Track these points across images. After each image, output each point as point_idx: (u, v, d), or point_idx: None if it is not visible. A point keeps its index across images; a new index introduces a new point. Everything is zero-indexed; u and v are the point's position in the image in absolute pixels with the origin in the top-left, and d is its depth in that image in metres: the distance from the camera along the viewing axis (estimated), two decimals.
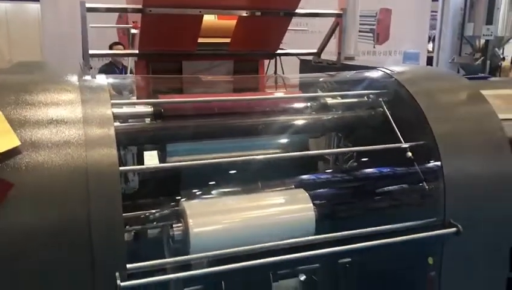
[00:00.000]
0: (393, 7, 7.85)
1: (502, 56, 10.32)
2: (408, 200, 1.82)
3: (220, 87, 2.06)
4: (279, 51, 2.49)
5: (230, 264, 1.50)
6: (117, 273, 1.25)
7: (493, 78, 4.50)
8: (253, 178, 1.96)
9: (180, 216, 1.72)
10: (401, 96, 1.79)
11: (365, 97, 1.92)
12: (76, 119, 1.36)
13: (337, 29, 2.39)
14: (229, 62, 2.38)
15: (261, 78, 2.16)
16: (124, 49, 6.05)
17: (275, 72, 2.71)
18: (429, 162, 1.69)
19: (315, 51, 2.54)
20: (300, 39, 3.10)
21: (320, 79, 2.08)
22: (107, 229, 1.26)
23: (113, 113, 1.41)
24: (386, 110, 1.86)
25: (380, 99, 1.90)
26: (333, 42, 2.47)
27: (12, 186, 1.19)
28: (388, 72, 1.90)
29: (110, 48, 5.90)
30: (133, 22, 2.23)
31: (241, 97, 1.75)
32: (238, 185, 1.96)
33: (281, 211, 1.86)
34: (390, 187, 1.87)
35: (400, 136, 1.78)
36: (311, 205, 1.84)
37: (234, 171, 1.96)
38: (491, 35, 10.18)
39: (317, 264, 2.15)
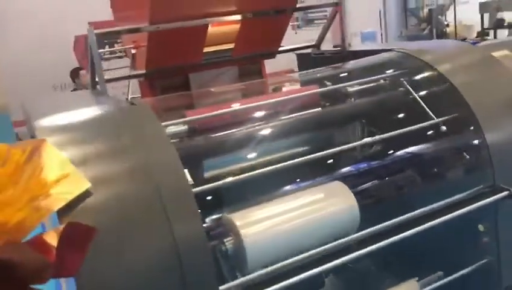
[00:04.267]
0: None
1: (446, 22, 10.74)
2: (453, 174, 1.85)
3: (244, 94, 2.02)
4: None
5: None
6: None
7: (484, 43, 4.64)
8: (289, 177, 1.94)
9: (228, 230, 1.68)
10: (428, 74, 1.82)
11: (387, 80, 1.94)
12: (134, 147, 1.29)
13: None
14: (234, 68, 2.35)
15: (278, 79, 2.12)
16: (86, 73, 5.89)
17: None
18: (469, 133, 1.72)
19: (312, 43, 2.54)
20: None
21: (337, 69, 2.08)
22: (196, 253, 1.22)
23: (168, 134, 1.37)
24: (412, 90, 1.88)
25: (402, 79, 1.92)
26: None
27: (95, 231, 1.12)
28: (407, 52, 1.92)
29: (72, 74, 5.72)
30: (133, 42, 2.15)
31: (278, 98, 1.72)
32: (275, 187, 1.94)
33: (326, 205, 1.86)
34: (430, 165, 1.89)
35: (431, 114, 1.80)
36: (352, 194, 1.84)
37: (270, 175, 1.94)
38: (433, 4, 10.58)
39: None
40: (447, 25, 10.76)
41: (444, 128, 1.77)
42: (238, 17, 2.09)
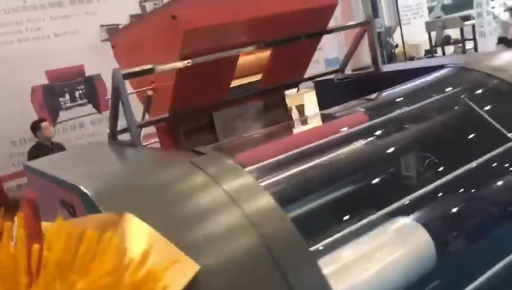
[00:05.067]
0: None
1: (394, 44, 11.05)
2: None
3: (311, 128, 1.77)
4: None
5: None
6: None
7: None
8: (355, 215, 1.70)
9: None
10: (497, 87, 1.64)
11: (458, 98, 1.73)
12: (229, 207, 1.02)
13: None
14: (259, 101, 2.11)
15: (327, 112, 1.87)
16: (49, 125, 5.42)
17: None
18: None
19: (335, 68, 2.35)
20: None
21: (382, 94, 1.87)
22: None
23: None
24: (477, 108, 1.70)
25: (463, 96, 1.74)
26: None
27: None
28: (463, 65, 1.74)
29: (34, 127, 5.25)
30: (151, 82, 1.87)
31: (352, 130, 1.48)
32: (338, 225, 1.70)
33: (402, 246, 1.64)
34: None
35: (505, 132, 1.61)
36: (424, 230, 1.63)
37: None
38: (381, 27, 10.88)
39: None
40: (396, 46, 11.07)
41: None
42: (269, 44, 1.87)
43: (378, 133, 1.57)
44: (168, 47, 1.66)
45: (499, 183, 1.68)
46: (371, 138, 1.57)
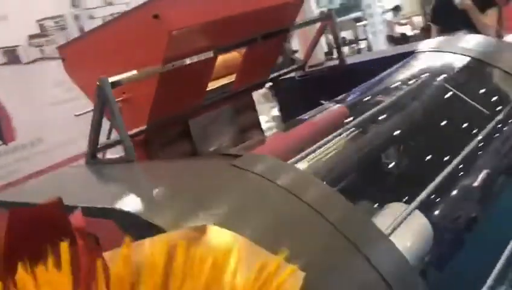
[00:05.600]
0: None
1: (294, 49, 11.39)
2: None
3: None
4: None
5: None
6: None
7: None
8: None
9: None
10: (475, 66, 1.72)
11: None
12: (293, 202, 0.94)
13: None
14: (231, 104, 2.02)
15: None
16: None
17: None
18: None
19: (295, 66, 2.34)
20: None
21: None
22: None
23: None
24: (456, 91, 1.76)
25: (439, 79, 1.80)
26: None
27: None
28: (437, 50, 1.81)
29: None
30: (123, 93, 1.69)
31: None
32: None
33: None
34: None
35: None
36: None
37: None
38: None
39: None
40: (296, 51, 11.42)
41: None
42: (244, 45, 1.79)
43: (381, 122, 1.57)
44: (149, 50, 1.52)
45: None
46: (376, 128, 1.56)
